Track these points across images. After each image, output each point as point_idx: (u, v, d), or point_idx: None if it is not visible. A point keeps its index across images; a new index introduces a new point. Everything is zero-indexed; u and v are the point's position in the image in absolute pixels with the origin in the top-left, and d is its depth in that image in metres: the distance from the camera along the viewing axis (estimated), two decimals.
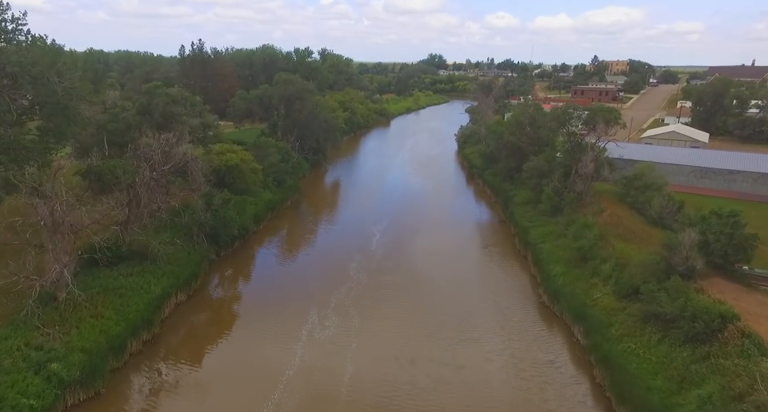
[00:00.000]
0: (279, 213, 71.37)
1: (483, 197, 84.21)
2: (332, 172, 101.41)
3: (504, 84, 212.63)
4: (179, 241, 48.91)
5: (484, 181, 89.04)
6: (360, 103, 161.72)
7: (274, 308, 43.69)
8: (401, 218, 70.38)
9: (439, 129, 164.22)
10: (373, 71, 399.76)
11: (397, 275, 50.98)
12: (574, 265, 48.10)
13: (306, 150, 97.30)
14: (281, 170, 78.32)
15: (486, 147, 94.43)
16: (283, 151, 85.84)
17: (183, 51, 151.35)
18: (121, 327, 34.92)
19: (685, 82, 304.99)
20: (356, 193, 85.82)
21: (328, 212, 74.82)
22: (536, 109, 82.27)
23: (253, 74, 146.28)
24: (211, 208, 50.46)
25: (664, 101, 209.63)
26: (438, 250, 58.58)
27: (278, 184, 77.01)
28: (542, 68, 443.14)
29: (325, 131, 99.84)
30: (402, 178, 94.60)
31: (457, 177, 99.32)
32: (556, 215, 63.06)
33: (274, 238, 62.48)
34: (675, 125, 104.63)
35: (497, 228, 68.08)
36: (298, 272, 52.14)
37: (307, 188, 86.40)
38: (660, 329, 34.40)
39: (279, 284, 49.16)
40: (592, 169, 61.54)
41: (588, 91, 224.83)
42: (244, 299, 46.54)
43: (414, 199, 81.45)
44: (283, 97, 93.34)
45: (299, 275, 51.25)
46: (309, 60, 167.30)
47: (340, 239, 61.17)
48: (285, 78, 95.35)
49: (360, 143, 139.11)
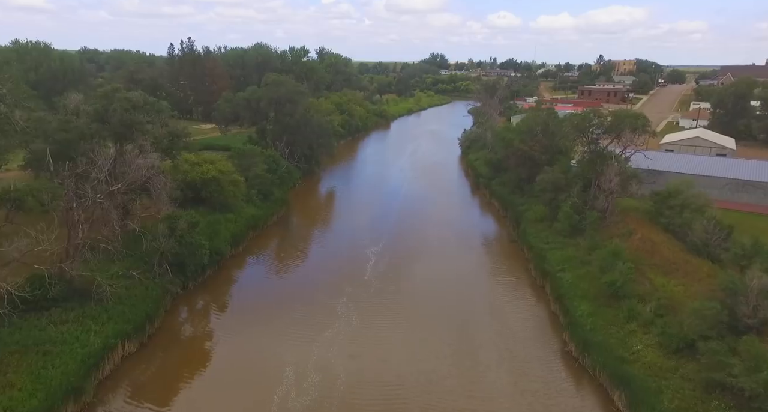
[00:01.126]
0: (263, 231, 63.69)
1: (490, 211, 76.44)
2: (326, 181, 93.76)
3: (508, 84, 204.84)
4: (136, 273, 41.28)
5: (490, 192, 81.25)
6: (358, 105, 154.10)
7: (241, 361, 36.05)
8: (399, 238, 62.69)
9: (441, 132, 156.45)
10: (374, 71, 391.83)
11: (393, 314, 43.22)
12: (605, 303, 40.36)
13: (297, 157, 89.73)
14: (267, 181, 70.65)
15: (493, 154, 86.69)
16: (271, 160, 78.28)
17: (172, 50, 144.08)
18: (37, 400, 27.25)
19: (694, 82, 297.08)
20: (351, 205, 78.11)
21: (318, 230, 67.07)
22: (549, 114, 74.45)
23: (245, 74, 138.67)
24: (174, 234, 42.78)
25: (675, 102, 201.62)
26: (440, 281, 50.74)
27: (264, 197, 69.37)
28: (546, 68, 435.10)
29: (318, 137, 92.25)
30: (401, 188, 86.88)
31: (461, 186, 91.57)
32: (575, 236, 55.36)
33: (254, 263, 54.74)
34: (698, 130, 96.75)
35: (508, 250, 60.29)
36: (278, 309, 44.46)
37: (298, 200, 78.73)
38: (731, 406, 26.68)
39: (252, 324, 41.51)
40: (617, 183, 53.76)
41: (595, 91, 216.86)
42: (209, 345, 38.83)
43: (414, 214, 73.72)
44: (273, 100, 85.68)
45: (278, 313, 43.57)
46: (305, 59, 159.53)
47: (329, 265, 53.43)
48: (275, 79, 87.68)
49: (358, 148, 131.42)
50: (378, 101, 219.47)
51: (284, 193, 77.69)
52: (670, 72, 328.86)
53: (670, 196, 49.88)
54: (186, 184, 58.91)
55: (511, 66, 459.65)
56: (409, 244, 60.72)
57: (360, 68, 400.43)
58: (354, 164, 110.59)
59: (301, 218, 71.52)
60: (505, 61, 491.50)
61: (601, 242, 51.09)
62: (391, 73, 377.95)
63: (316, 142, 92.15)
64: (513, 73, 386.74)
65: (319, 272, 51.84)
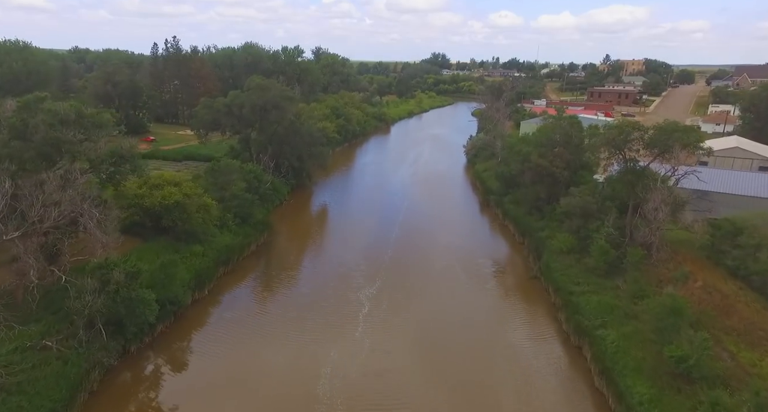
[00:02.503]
0: (239, 264, 53.89)
1: (503, 234, 66.56)
2: (319, 196, 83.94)
3: (512, 85, 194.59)
4: (55, 341, 31.58)
5: (503, 211, 71.33)
6: (356, 108, 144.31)
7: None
8: (399, 272, 52.85)
9: (444, 137, 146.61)
10: (374, 71, 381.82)
11: (386, 395, 33.33)
12: (669, 383, 30.50)
13: (285, 170, 79.95)
14: (247, 202, 60.86)
15: (505, 167, 76.78)
16: (253, 175, 68.51)
17: (156, 49, 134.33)
18: None
19: (705, 82, 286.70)
20: (345, 227, 68.21)
21: (302, 263, 57.12)
22: (572, 124, 64.56)
23: (234, 76, 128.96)
24: (107, 288, 33.01)
25: (690, 104, 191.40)
26: (447, 341, 40.64)
27: (242, 221, 59.60)
28: (549, 68, 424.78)
29: (308, 146, 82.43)
30: (402, 205, 77.02)
31: (469, 203, 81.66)
32: (613, 276, 45.62)
33: (221, 310, 44.83)
34: (733, 138, 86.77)
35: (528, 289, 50.37)
36: (245, 374, 34.69)
37: (284, 221, 68.93)
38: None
39: (213, 395, 31.74)
40: (666, 213, 43.85)
41: (605, 93, 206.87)
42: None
43: (416, 237, 63.88)
44: (257, 106, 75.83)
45: (244, 386, 33.77)
46: (300, 60, 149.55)
47: (312, 317, 43.45)
48: (259, 83, 77.79)
49: (355, 155, 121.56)
50: (378, 103, 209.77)
51: (267, 213, 67.93)
52: (680, 72, 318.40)
53: (738, 233, 39.92)
54: (144, 212, 49.39)
55: (514, 66, 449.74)
56: (409, 281, 50.89)
57: (360, 68, 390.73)
58: (350, 175, 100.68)
59: (285, 246, 61.58)
60: (507, 60, 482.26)
61: (648, 288, 41.35)
62: (391, 73, 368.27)
63: (306, 152, 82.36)
64: (516, 73, 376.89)
65: (299, 328, 41.92)
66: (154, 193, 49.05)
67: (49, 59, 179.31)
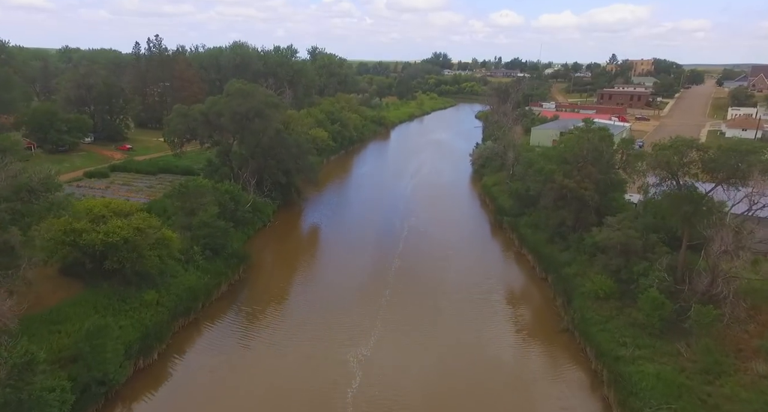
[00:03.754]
0: (203, 312, 44.31)
1: (520, 265, 57.02)
2: (309, 214, 74.40)
3: (517, 85, 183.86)
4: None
5: (519, 237, 61.74)
6: (353, 112, 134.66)
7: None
8: (399, 320, 43.28)
9: (448, 143, 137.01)
10: (374, 71, 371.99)
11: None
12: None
13: (268, 187, 70.38)
14: (219, 231, 51.29)
15: (520, 184, 67.25)
16: (230, 196, 58.99)
17: (138, 49, 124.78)
18: None
19: (717, 83, 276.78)
20: (336, 257, 58.59)
21: (283, 308, 47.19)
22: (603, 137, 54.95)
23: (222, 78, 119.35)
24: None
25: (707, 106, 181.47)
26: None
27: (214, 253, 50.17)
28: (553, 67, 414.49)
29: (297, 159, 72.88)
30: (403, 228, 67.42)
31: (479, 224, 71.99)
32: (669, 335, 36.19)
33: (171, 385, 35.19)
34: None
35: (559, 348, 40.59)
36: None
37: (265, 249, 59.44)
38: None
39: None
40: (744, 259, 34.27)
41: (616, 95, 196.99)
42: None
43: (420, 269, 54.34)
44: (237, 114, 66.27)
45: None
46: (294, 60, 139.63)
47: (293, 394, 33.87)
48: (240, 88, 68.16)
49: (351, 164, 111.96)
50: (377, 105, 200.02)
51: (246, 240, 58.51)
52: (689, 72, 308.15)
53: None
54: (82, 251, 39.80)
55: (516, 66, 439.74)
56: (412, 333, 41.32)
57: (359, 68, 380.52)
58: (346, 188, 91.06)
59: (265, 284, 51.79)
60: (510, 60, 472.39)
61: (724, 360, 31.77)
62: (391, 73, 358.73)
63: (294, 166, 72.84)
64: (520, 73, 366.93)
65: (274, 405, 32.39)
66: (97, 228, 39.55)
67: (32, 59, 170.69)
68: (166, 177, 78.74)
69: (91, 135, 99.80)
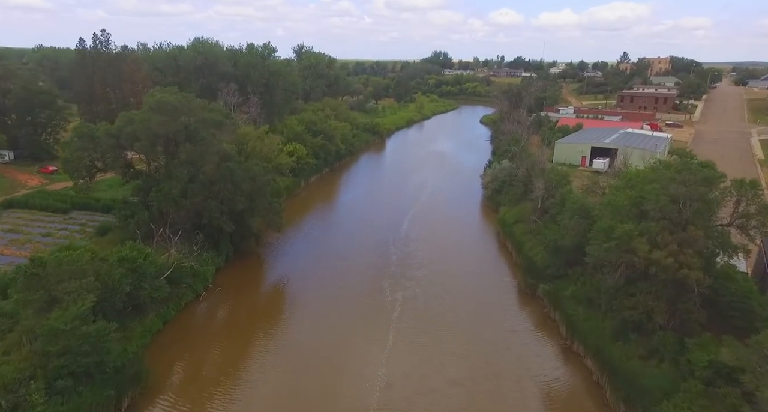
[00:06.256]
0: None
1: (575, 369, 37.23)
2: (271, 267, 54.83)
3: (528, 87, 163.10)
4: None
5: (566, 320, 41.84)
6: (342, 120, 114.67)
7: None
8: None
9: (452, 157, 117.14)
10: (371, 71, 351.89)
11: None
12: None
13: (214, 235, 50.61)
14: (90, 339, 31.37)
15: (557, 234, 47.29)
16: (132, 266, 39.09)
17: (83, 45, 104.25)
18: None
19: (741, 83, 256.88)
20: (298, 343, 38.73)
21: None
22: (707, 179, 35.05)
23: (181, 81, 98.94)
24: None
25: (743, 110, 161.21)
26: None
27: (78, 381, 30.41)
28: (558, 66, 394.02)
29: (251, 198, 52.94)
30: (395, 298, 47.66)
31: (500, 285, 51.84)
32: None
33: None
34: None
35: None
36: None
37: (187, 340, 39.68)
38: None
39: None
40: None
41: (638, 97, 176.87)
42: None
43: (422, 376, 34.60)
44: (160, 137, 46.47)
45: None
46: (273, 60, 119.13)
47: None
48: (162, 100, 48.13)
49: (336, 187, 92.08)
50: (372, 109, 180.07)
51: (155, 333, 38.76)
52: (706, 71, 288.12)
53: None
54: None
55: (520, 65, 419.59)
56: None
57: (356, 68, 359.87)
58: (325, 224, 70.98)
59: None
60: (512, 59, 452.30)
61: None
62: (389, 73, 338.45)
63: (248, 205, 52.93)
64: (525, 72, 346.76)
65: None
66: None
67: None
68: (80, 217, 58.95)
69: (8, 153, 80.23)
